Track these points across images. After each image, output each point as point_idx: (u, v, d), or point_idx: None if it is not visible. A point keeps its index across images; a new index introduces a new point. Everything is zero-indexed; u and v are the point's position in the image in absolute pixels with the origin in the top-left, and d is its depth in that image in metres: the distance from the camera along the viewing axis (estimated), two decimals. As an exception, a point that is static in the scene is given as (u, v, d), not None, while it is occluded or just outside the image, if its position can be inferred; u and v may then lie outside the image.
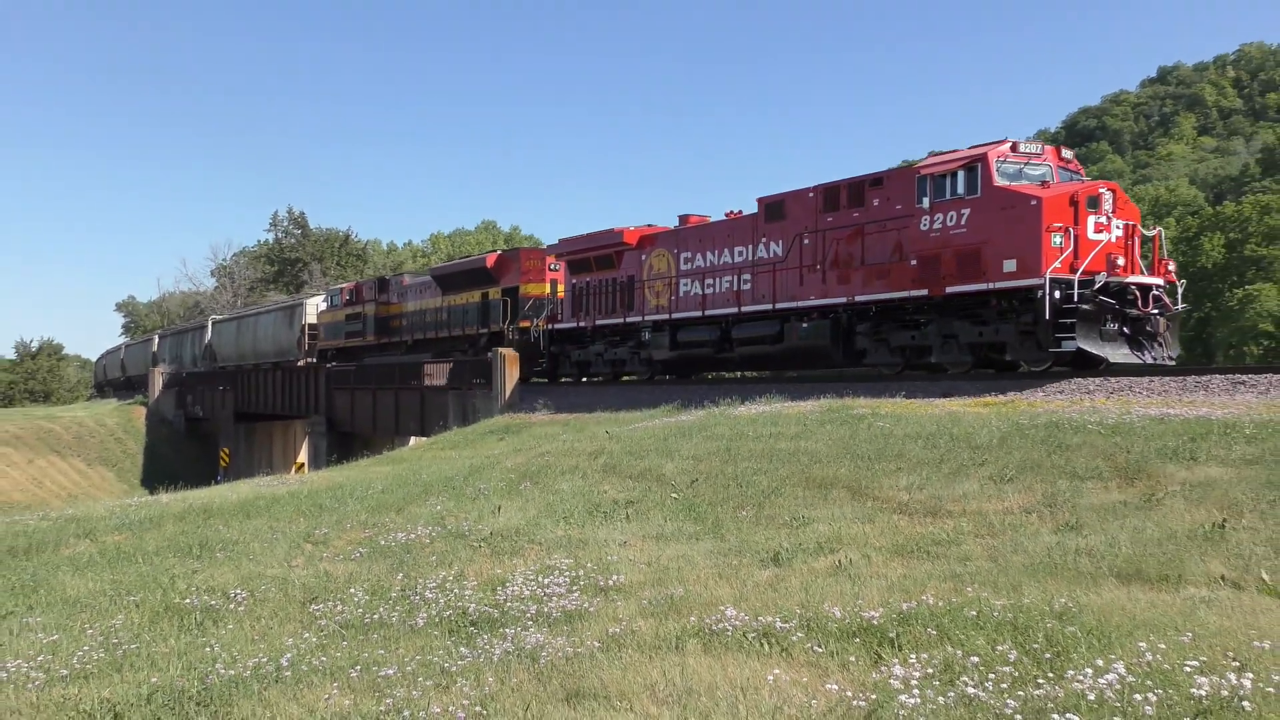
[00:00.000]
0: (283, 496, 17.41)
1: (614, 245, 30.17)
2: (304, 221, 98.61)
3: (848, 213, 22.89)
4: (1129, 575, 7.97)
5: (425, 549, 11.74)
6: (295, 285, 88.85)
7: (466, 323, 37.55)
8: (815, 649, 6.65)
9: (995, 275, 19.38)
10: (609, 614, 8.24)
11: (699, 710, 5.68)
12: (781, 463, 14.03)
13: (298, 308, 51.98)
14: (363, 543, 12.45)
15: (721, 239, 26.63)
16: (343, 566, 11.24)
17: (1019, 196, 19.27)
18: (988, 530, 10.05)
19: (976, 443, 13.44)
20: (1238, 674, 5.37)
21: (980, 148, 20.77)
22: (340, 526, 13.75)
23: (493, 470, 17.15)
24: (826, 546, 9.96)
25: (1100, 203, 19.20)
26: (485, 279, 36.98)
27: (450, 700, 6.25)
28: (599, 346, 30.81)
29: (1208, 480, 10.54)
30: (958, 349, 20.88)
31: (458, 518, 13.31)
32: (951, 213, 20.36)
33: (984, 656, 6.08)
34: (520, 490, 14.94)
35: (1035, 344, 19.39)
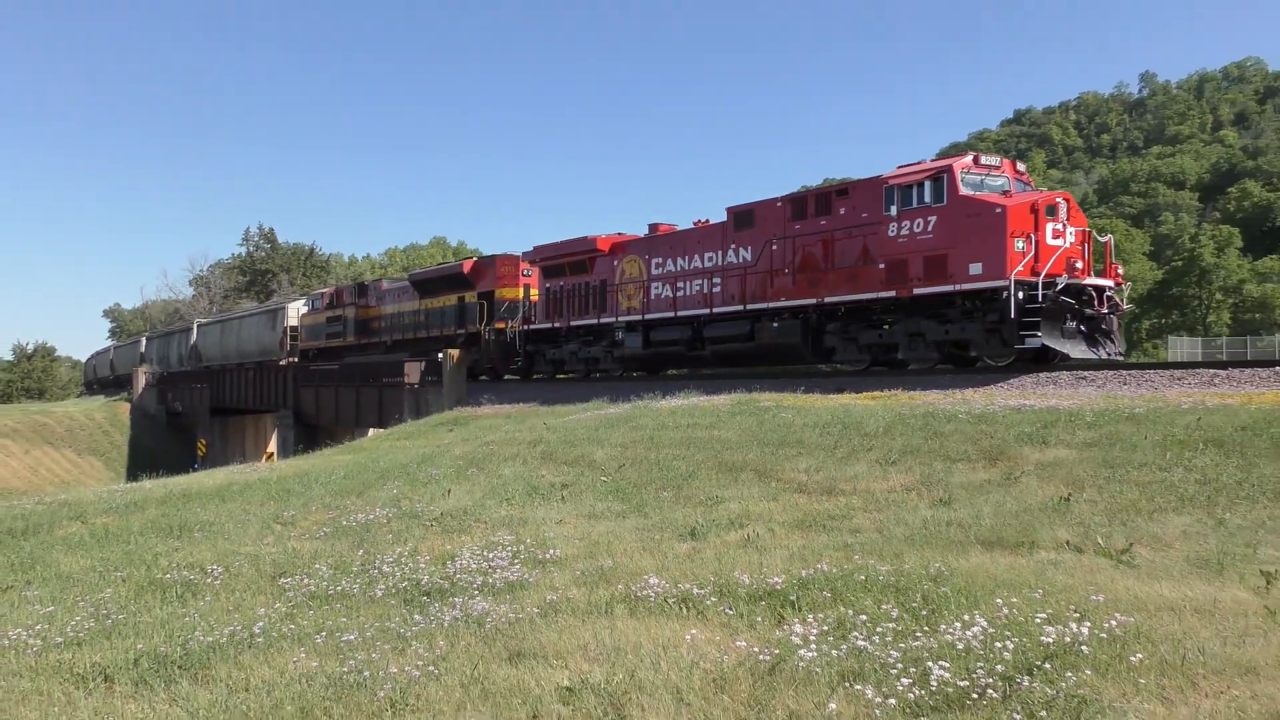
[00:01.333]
0: (254, 482, 17.12)
1: (587, 251, 29.49)
2: (273, 236, 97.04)
3: (815, 221, 22.39)
4: (992, 542, 8.17)
5: (383, 528, 11.65)
6: (266, 294, 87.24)
7: (444, 324, 36.68)
8: (727, 611, 6.73)
9: (961, 278, 18.95)
10: (547, 584, 8.25)
11: (626, 666, 5.73)
12: (698, 450, 14.13)
13: (280, 311, 50.53)
14: (327, 523, 12.31)
15: (692, 245, 26.08)
16: (309, 544, 11.12)
17: (984, 205, 18.85)
18: (875, 506, 10.22)
19: (865, 431, 13.65)
20: (1078, 623, 5.55)
21: (945, 160, 20.43)
22: (306, 509, 13.58)
23: (443, 458, 17.03)
24: (737, 522, 10.06)
25: (1057, 211, 18.90)
26: (462, 284, 36.08)
27: (406, 661, 6.24)
28: (573, 345, 30.04)
29: (1056, 461, 10.82)
30: (924, 346, 20.33)
31: (412, 500, 13.22)
32: (919, 220, 19.87)
33: (871, 615, 6.19)
34: (467, 475, 14.86)
35: (1000, 341, 18.98)
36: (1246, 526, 7.92)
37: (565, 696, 5.39)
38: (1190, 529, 8.02)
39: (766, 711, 5.01)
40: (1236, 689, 4.77)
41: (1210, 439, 10.63)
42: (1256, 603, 5.95)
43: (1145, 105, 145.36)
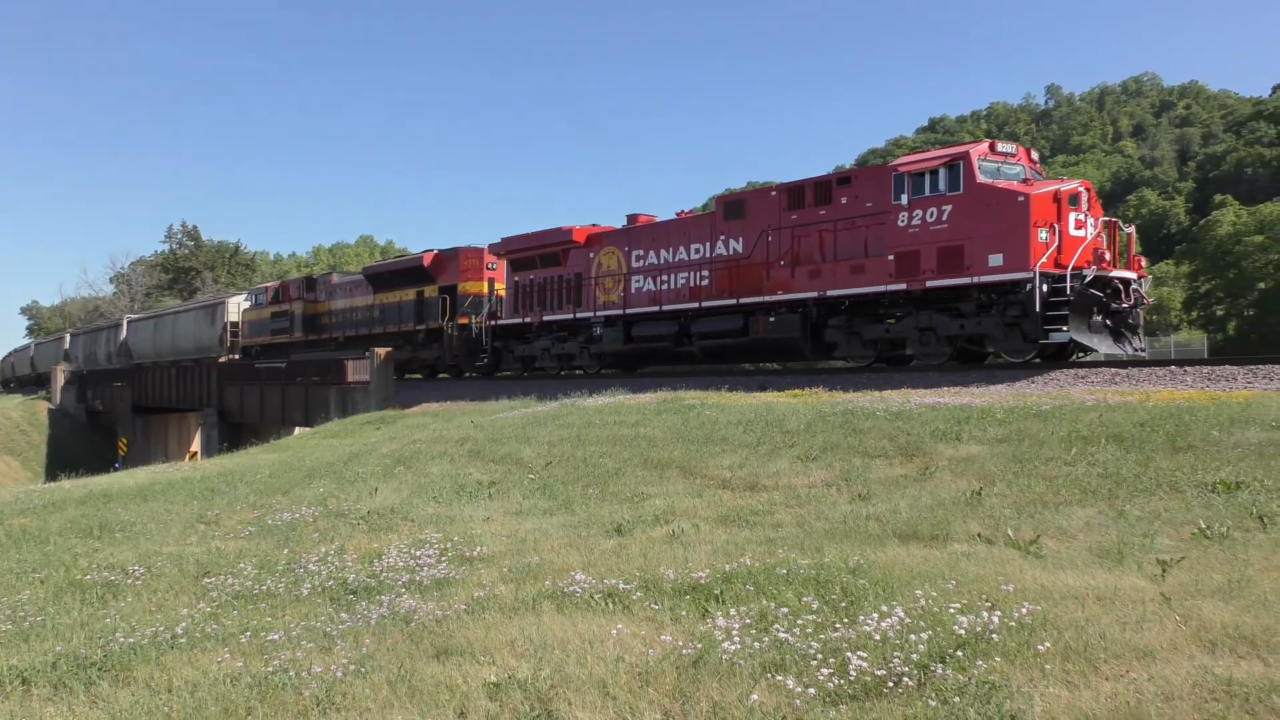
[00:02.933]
0: (177, 482, 16.70)
1: (561, 243, 27.97)
2: (197, 234, 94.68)
3: (813, 210, 21.11)
4: (908, 536, 8.32)
5: (309, 527, 11.45)
6: (189, 292, 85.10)
7: (402, 320, 34.90)
8: (652, 606, 6.75)
9: (980, 270, 17.82)
10: (474, 581, 8.19)
11: (552, 661, 5.71)
12: (624, 447, 14.14)
13: (219, 306, 48.16)
14: (252, 522, 12.06)
15: (677, 237, 24.64)
16: (233, 544, 10.88)
17: (1005, 193, 17.73)
18: (796, 501, 10.33)
19: (787, 428, 13.80)
20: (989, 612, 5.69)
21: (960, 146, 19.44)
22: (231, 508, 13.29)
23: (370, 456, 16.80)
24: (662, 518, 10.08)
25: (1079, 200, 17.88)
26: (421, 277, 34.25)
27: (332, 660, 6.14)
28: (545, 342, 28.43)
29: (969, 456, 11.06)
30: (935, 341, 19.14)
31: (338, 499, 13.02)
32: (932, 209, 18.66)
33: (792, 607, 6.26)
34: (395, 474, 14.68)
35: (1020, 336, 17.92)
36: (1144, 517, 8.19)
37: (493, 692, 5.35)
38: (1093, 520, 8.27)
39: (691, 703, 5.03)
40: (1134, 672, 4.93)
41: (1111, 435, 10.96)
42: (1153, 590, 6.16)
43: (1051, 116, 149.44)
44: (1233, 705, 4.45)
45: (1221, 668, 4.83)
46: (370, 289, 37.30)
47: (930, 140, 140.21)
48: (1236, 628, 5.35)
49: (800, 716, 4.71)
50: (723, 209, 23.63)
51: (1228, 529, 7.53)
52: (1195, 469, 9.33)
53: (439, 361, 33.09)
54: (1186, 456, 9.77)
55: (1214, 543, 7.26)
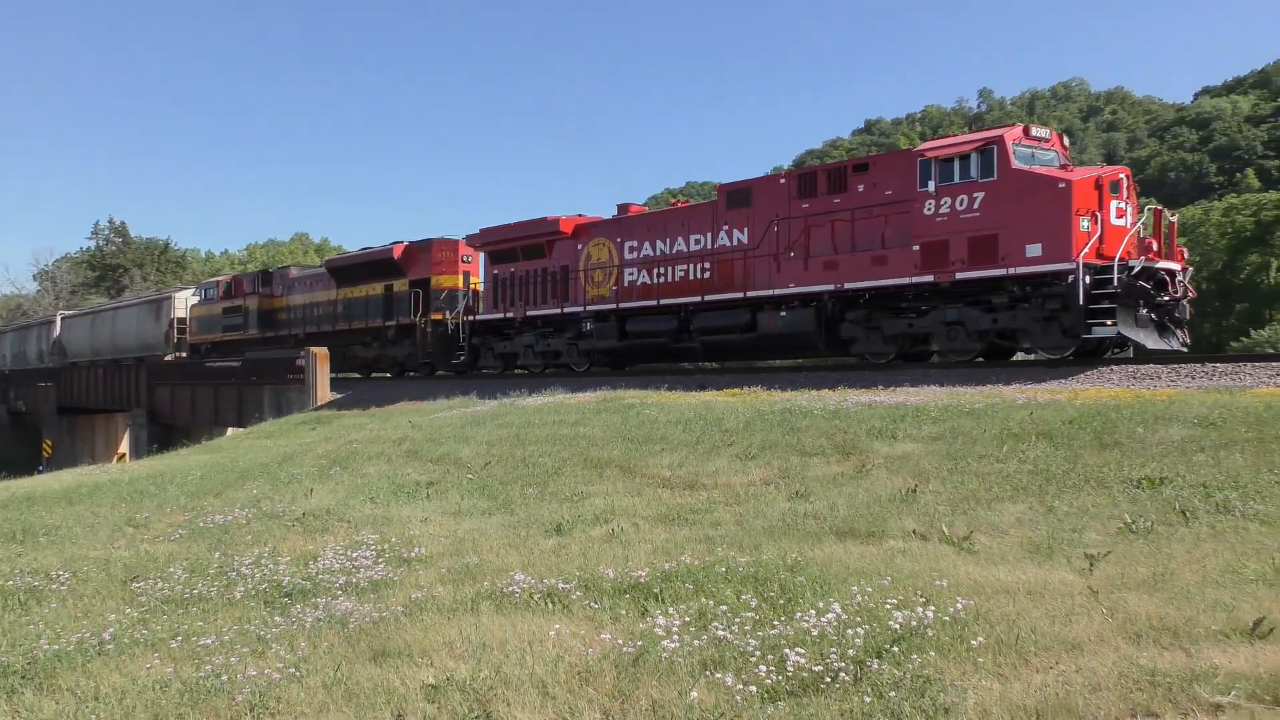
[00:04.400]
0: (105, 484, 16.27)
1: (546, 234, 26.47)
2: (125, 231, 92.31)
3: (827, 199, 20.00)
4: (845, 533, 8.42)
5: (242, 529, 11.23)
6: (116, 290, 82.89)
7: (369, 316, 33.06)
8: (592, 605, 6.74)
9: (1016, 260, 16.89)
10: (412, 582, 8.11)
11: (492, 662, 5.68)
12: (564, 446, 14.11)
13: (165, 301, 45.69)
14: (182, 525, 11.79)
15: (674, 227, 23.40)
16: (163, 547, 10.62)
17: (1044, 180, 16.81)
18: (735, 500, 10.38)
19: (726, 427, 13.88)
20: (924, 608, 5.78)
21: (993, 130, 18.46)
22: (161, 511, 12.98)
23: (305, 457, 16.54)
24: (602, 518, 10.07)
25: (1120, 188, 17.00)
26: (390, 270, 32.43)
27: (266, 664, 6.03)
28: (529, 338, 26.87)
29: (904, 454, 11.23)
30: (965, 336, 18.19)
31: (273, 500, 12.80)
32: (962, 196, 17.65)
33: (731, 605, 6.30)
34: (330, 474, 14.48)
35: (1059, 331, 16.93)
36: (1073, 513, 8.39)
37: (431, 694, 5.31)
38: (1024, 516, 8.45)
39: (630, 702, 5.04)
40: (1063, 664, 5.05)
41: (1041, 432, 11.21)
42: (1081, 583, 6.32)
43: (984, 119, 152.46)
44: (1156, 695, 4.58)
45: (1146, 658, 4.97)
46: (333, 283, 35.40)
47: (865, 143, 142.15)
48: (1160, 619, 5.50)
49: (739, 714, 4.74)
50: (725, 197, 22.37)
51: (1152, 523, 7.75)
52: (1121, 465, 9.58)
53: (410, 360, 31.74)
54: (1113, 453, 10.03)
55: (1139, 537, 7.46)
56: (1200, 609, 5.63)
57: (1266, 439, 9.71)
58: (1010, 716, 4.52)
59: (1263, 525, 7.45)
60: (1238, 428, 10.25)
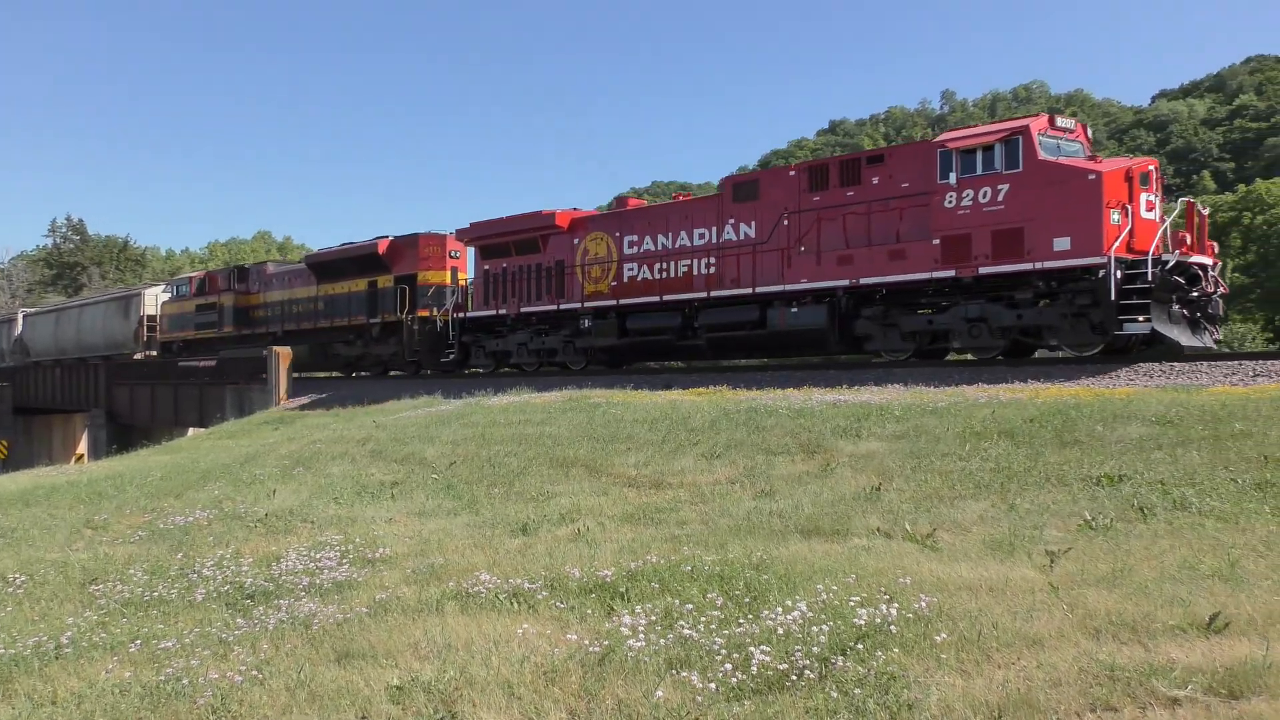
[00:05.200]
0: (62, 485, 16.03)
1: (540, 228, 25.47)
2: (82, 228, 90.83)
3: (839, 191, 19.31)
4: (810, 531, 8.47)
5: (203, 530, 11.11)
6: (74, 289, 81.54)
7: (351, 313, 31.88)
8: (558, 605, 6.74)
9: (1043, 254, 16.31)
10: (376, 583, 8.06)
11: (457, 663, 5.66)
12: (529, 446, 14.08)
13: (134, 298, 43.98)
14: (142, 526, 11.65)
15: (677, 221, 22.52)
16: (122, 549, 10.48)
17: (1073, 171, 16.26)
18: (700, 499, 10.42)
19: (692, 426, 13.91)
20: (888, 605, 5.84)
21: (1018, 120, 17.92)
22: (120, 512, 12.81)
23: (268, 457, 16.38)
24: (568, 517, 10.07)
25: (1150, 180, 16.51)
26: (375, 266, 31.23)
27: (228, 667, 5.97)
28: (523, 335, 25.87)
29: (868, 453, 11.32)
30: (988, 334, 17.58)
31: (234, 501, 12.67)
32: (986, 188, 17.06)
33: (697, 604, 6.32)
34: (294, 475, 14.35)
35: (1088, 327, 16.37)
36: (1034, 510, 8.50)
37: (395, 696, 5.28)
38: (986, 513, 8.54)
39: (596, 701, 5.04)
40: (1024, 660, 5.12)
41: (1003, 430, 11.34)
42: (1042, 580, 6.40)
43: (946, 121, 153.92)
44: (1115, 689, 4.65)
45: (1105, 653, 5.04)
46: (313, 279, 34.21)
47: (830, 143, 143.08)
48: (1119, 614, 5.59)
49: (704, 712, 4.75)
50: (731, 190, 21.65)
51: (1111, 520, 7.87)
52: (1081, 463, 9.72)
53: (395, 358, 30.85)
54: (1073, 451, 10.17)
55: (1098, 534, 7.57)
56: (1158, 604, 5.73)
57: (1222, 437, 9.88)
58: (973, 712, 4.57)
59: (1218, 521, 7.59)
60: (1194, 426, 10.43)
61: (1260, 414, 10.47)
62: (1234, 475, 8.69)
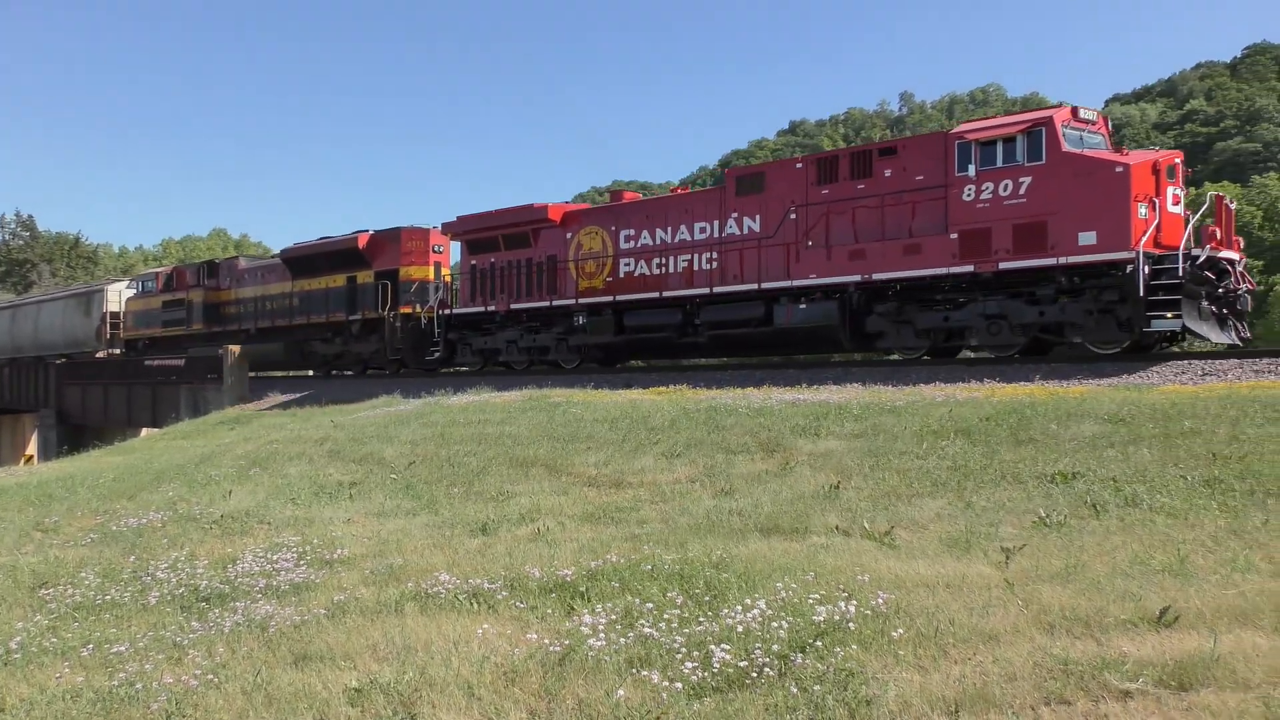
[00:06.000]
0: (10, 487, 15.74)
1: (531, 222, 24.68)
2: (32, 224, 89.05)
3: (850, 184, 18.80)
4: (769, 529, 8.52)
5: (157, 532, 10.96)
6: (24, 286, 79.91)
7: (330, 309, 30.85)
8: (518, 605, 6.73)
9: (1067, 249, 15.87)
10: (334, 584, 8.00)
11: (416, 664, 5.63)
12: (489, 445, 14.03)
13: (97, 294, 42.53)
14: (94, 529, 11.46)
15: (677, 215, 21.85)
16: (74, 552, 10.31)
17: (1100, 163, 15.82)
18: (661, 498, 10.44)
19: (652, 425, 13.94)
20: (846, 602, 5.89)
21: (1041, 111, 17.41)
22: (71, 514, 12.60)
23: (223, 458, 16.18)
24: (528, 517, 10.05)
25: (1177, 173, 16.17)
26: (355, 261, 30.28)
27: (183, 671, 5.90)
28: (512, 333, 25.06)
29: (827, 451, 11.40)
30: (1008, 330, 17.09)
31: (189, 502, 12.51)
32: (1006, 181, 16.60)
33: (657, 602, 6.34)
34: (250, 475, 14.19)
35: (1114, 324, 15.95)
36: (990, 507, 8.61)
37: (354, 698, 5.24)
38: (943, 511, 8.64)
39: (557, 701, 5.04)
40: (981, 655, 5.19)
41: (960, 429, 11.48)
42: (998, 576, 6.49)
43: (905, 122, 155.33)
44: (1069, 683, 4.73)
45: (1059, 648, 5.13)
46: (288, 275, 33.13)
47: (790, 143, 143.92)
48: (1073, 610, 5.68)
49: (665, 711, 4.77)
50: (735, 183, 21.03)
51: (1065, 517, 7.99)
52: (1036, 461, 9.86)
53: (376, 356, 29.96)
54: (1028, 449, 10.32)
55: (1053, 530, 7.69)
56: (1110, 599, 5.83)
57: (1172, 434, 10.08)
58: (930, 708, 4.63)
59: (1169, 518, 7.73)
60: (1145, 424, 10.63)
61: (1209, 413, 10.69)
62: (1183, 472, 8.86)
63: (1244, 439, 9.55)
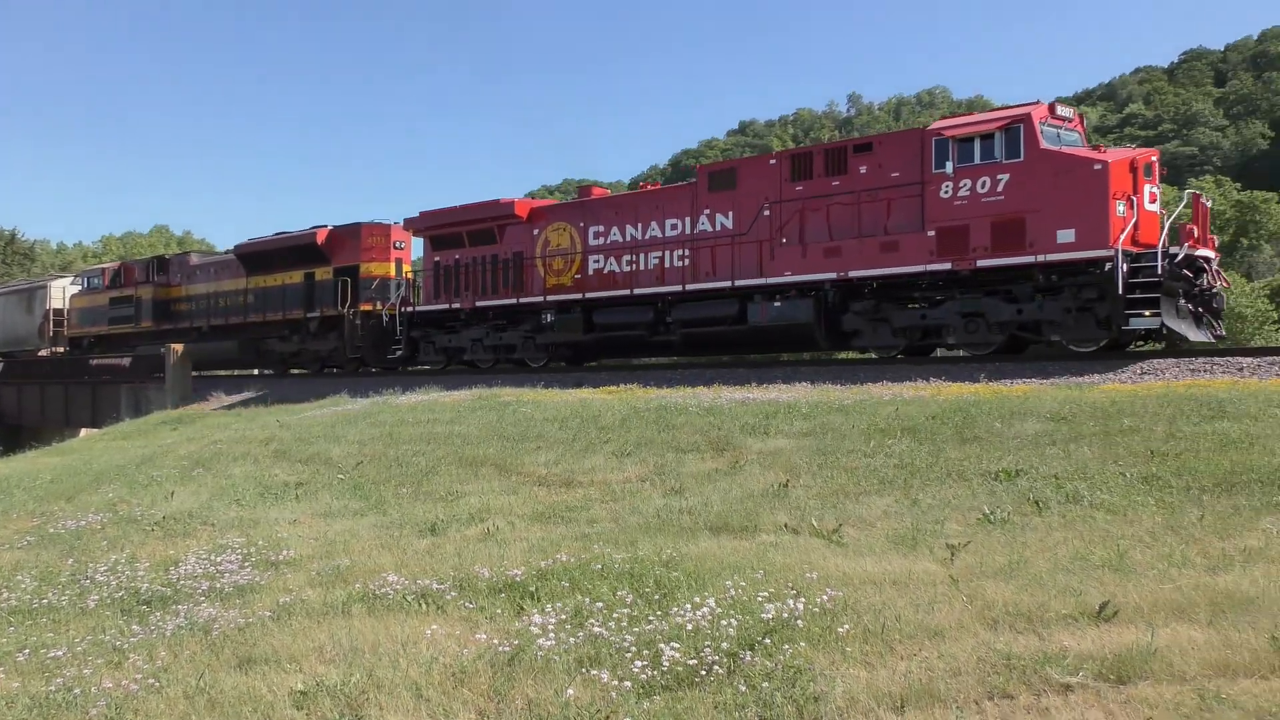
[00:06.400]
0: (-58, 491, 15.28)
1: (497, 218, 24.21)
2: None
3: (824, 181, 18.57)
4: (719, 528, 8.57)
5: (96, 534, 10.73)
6: (-44, 283, 77.85)
7: (286, 306, 29.91)
8: (467, 605, 6.69)
9: (1046, 247, 15.82)
10: (280, 586, 7.89)
11: (364, 666, 5.58)
12: (438, 445, 13.93)
13: (39, 290, 40.98)
14: (30, 531, 11.19)
15: (647, 211, 21.52)
16: (8, 555, 10.06)
17: (1079, 160, 15.79)
18: (611, 497, 10.44)
19: (603, 424, 13.92)
20: (795, 599, 5.94)
21: (1019, 108, 17.11)
22: (6, 517, 12.30)
23: (166, 458, 15.88)
24: (477, 516, 10.00)
25: (1154, 171, 16.15)
26: (313, 257, 29.35)
27: (123, 675, 5.78)
28: (477, 331, 24.50)
29: (776, 450, 11.48)
30: (986, 329, 16.98)
31: (130, 504, 12.25)
32: (984, 178, 16.50)
33: (607, 602, 6.34)
34: (193, 476, 13.94)
35: (1093, 322, 15.92)
36: (936, 505, 8.73)
37: (299, 701, 5.18)
38: (890, 509, 8.75)
39: (506, 702, 5.02)
40: (926, 650, 5.26)
41: (906, 427, 11.61)
42: (943, 573, 6.58)
43: (853, 123, 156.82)
44: (1012, 678, 4.81)
45: (1002, 643, 5.22)
46: (243, 271, 32.08)
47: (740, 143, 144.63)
48: (1015, 605, 5.78)
49: (615, 709, 4.77)
50: (707, 179, 20.73)
51: (1008, 514, 8.13)
52: (980, 459, 10.01)
53: (335, 354, 29.02)
54: (973, 447, 10.48)
55: (996, 527, 7.82)
56: (1052, 594, 5.94)
57: (1112, 432, 10.29)
58: (876, 703, 4.69)
59: (1108, 514, 7.90)
60: (1086, 422, 10.84)
61: (1147, 410, 10.93)
62: (1122, 469, 9.06)
63: (1180, 436, 9.79)
